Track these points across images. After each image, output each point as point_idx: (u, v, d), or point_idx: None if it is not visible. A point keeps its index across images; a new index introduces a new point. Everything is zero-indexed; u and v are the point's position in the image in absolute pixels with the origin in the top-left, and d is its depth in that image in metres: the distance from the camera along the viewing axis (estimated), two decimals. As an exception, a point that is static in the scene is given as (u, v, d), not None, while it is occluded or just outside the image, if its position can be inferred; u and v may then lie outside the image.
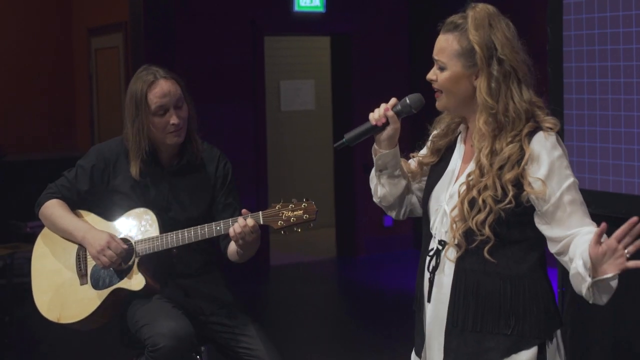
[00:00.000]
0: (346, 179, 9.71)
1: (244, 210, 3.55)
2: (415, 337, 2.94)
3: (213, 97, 8.60)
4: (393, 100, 2.91)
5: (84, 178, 3.82)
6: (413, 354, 2.97)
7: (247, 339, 3.75)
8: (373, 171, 3.02)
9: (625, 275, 3.27)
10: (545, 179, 2.63)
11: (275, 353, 3.74)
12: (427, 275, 2.84)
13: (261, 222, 3.50)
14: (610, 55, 4.01)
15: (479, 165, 2.70)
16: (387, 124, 2.89)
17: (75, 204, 3.85)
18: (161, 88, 3.69)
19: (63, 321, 3.76)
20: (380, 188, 3.00)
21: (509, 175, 2.65)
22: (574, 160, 4.15)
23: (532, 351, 2.69)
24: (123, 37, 9.03)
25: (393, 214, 3.08)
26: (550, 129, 2.69)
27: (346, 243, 9.80)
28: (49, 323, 3.85)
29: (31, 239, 8.17)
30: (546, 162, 2.64)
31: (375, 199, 3.06)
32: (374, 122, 2.89)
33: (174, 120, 3.68)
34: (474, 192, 2.69)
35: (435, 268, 2.81)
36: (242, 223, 3.49)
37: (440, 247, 2.80)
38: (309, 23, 9.45)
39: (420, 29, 9.36)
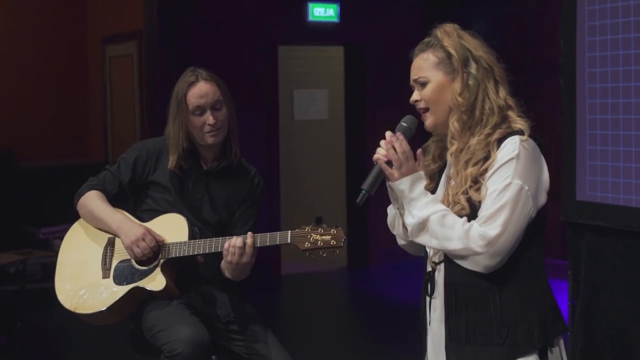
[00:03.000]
0: (358, 189, 9.69)
1: (249, 233, 3.61)
2: (423, 355, 2.98)
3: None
4: (389, 133, 2.87)
5: (126, 169, 3.91)
6: None
7: (262, 348, 3.78)
8: (392, 217, 3.03)
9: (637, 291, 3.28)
10: (486, 181, 2.68)
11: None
12: (427, 299, 2.89)
13: (288, 241, 3.55)
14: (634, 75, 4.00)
15: (452, 164, 2.80)
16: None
17: (115, 198, 3.93)
18: (199, 89, 3.81)
19: (79, 311, 3.79)
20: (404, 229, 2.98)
21: (470, 170, 2.71)
22: (598, 180, 4.12)
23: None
24: (137, 46, 9.07)
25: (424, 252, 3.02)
26: (521, 130, 2.73)
27: (357, 254, 9.80)
28: (60, 330, 3.87)
29: (44, 246, 8.24)
30: (495, 166, 2.68)
31: (403, 242, 3.05)
32: (385, 159, 2.84)
33: (210, 120, 3.79)
34: (449, 190, 2.78)
35: (432, 291, 2.86)
36: (237, 243, 3.57)
37: (431, 269, 2.86)
38: (322, 33, 9.48)
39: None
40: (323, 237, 3.52)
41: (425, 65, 2.83)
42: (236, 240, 3.58)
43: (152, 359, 3.84)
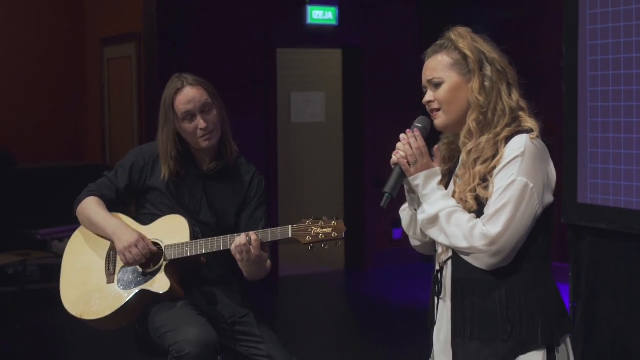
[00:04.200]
0: (356, 191, 9.73)
1: (251, 232, 3.62)
2: (429, 353, 3.00)
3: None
4: (404, 135, 2.88)
5: (123, 175, 3.93)
6: None
7: (268, 349, 3.80)
8: (407, 220, 3.03)
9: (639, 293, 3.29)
10: (494, 178, 2.71)
11: (296, 362, 3.79)
12: (435, 299, 2.91)
13: (289, 236, 3.56)
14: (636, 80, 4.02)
15: (463, 162, 2.81)
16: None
17: (114, 204, 3.95)
18: (186, 95, 3.81)
19: (85, 317, 3.81)
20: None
21: (479, 168, 2.74)
22: (599, 183, 4.14)
23: (533, 356, 2.71)
24: (136, 48, 9.08)
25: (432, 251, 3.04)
26: (531, 130, 2.75)
27: (355, 255, 9.81)
28: (59, 331, 3.89)
29: (42, 247, 8.25)
30: (502, 164, 2.71)
31: (418, 243, 3.04)
32: (405, 160, 2.85)
33: (201, 125, 3.79)
34: (457, 187, 2.80)
35: (439, 291, 2.88)
36: (241, 240, 3.58)
37: (439, 268, 2.88)
38: (321, 36, 9.50)
39: (431, 42, 9.37)
40: (324, 229, 3.55)
41: (440, 67, 2.84)
42: (240, 239, 3.59)
43: (157, 360, 3.86)
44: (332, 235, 3.55)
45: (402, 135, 2.87)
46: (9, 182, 8.81)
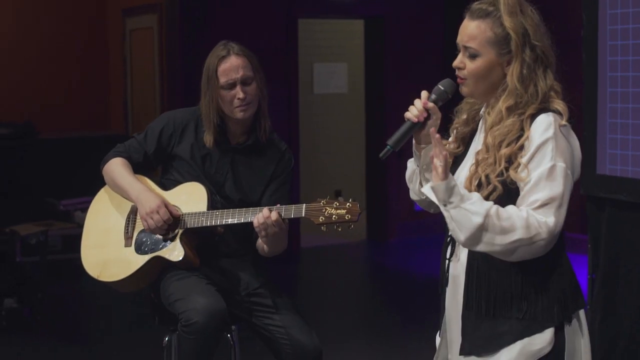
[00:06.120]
0: (378, 162, 9.70)
1: (277, 205, 3.60)
2: (440, 320, 2.99)
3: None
4: (425, 93, 2.87)
5: (152, 139, 3.93)
6: (437, 336, 3.01)
7: (280, 318, 3.80)
8: (411, 172, 3.02)
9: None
10: (527, 163, 2.63)
11: (309, 333, 3.78)
12: (446, 262, 2.87)
13: (303, 215, 3.52)
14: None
15: (486, 143, 2.73)
16: (428, 117, 2.86)
17: (141, 167, 3.95)
18: (230, 63, 3.80)
19: (102, 279, 3.85)
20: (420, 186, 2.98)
21: (504, 151, 2.66)
22: (618, 153, 4.11)
23: (547, 334, 2.69)
24: (158, 18, 9.06)
25: (433, 209, 2.98)
26: (559, 112, 2.69)
27: (377, 227, 9.81)
28: (80, 300, 3.92)
29: (65, 217, 8.29)
30: (534, 146, 2.64)
31: (416, 197, 3.03)
32: (415, 119, 2.84)
33: (240, 95, 3.78)
34: (480, 170, 2.71)
35: (451, 254, 2.85)
36: (265, 214, 3.54)
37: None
38: (343, 6, 9.45)
39: (455, 13, 9.29)
40: (338, 211, 3.48)
41: (480, 37, 2.72)
42: (258, 217, 3.55)
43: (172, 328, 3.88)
44: (346, 217, 3.46)
45: (423, 93, 2.84)
46: (31, 153, 8.85)
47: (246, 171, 3.92)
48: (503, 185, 2.65)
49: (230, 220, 3.67)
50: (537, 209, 2.61)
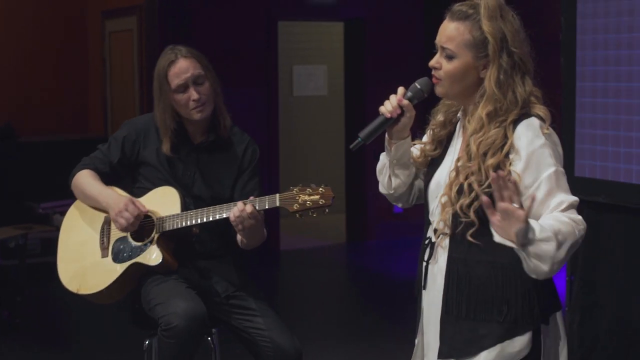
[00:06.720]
0: (357, 164, 9.71)
1: (251, 198, 3.60)
2: (416, 323, 2.99)
3: (227, 81, 8.57)
4: (402, 90, 2.88)
5: (115, 149, 3.92)
6: (417, 339, 3.01)
7: (261, 321, 3.79)
8: (382, 165, 3.02)
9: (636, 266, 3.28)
10: (522, 172, 2.62)
11: (289, 335, 3.78)
12: (423, 264, 2.87)
13: (277, 204, 3.54)
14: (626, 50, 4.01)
15: (467, 150, 2.72)
16: (401, 114, 2.87)
17: (108, 177, 3.95)
18: (180, 66, 3.80)
19: (82, 292, 3.84)
20: (394, 179, 2.99)
21: (491, 161, 2.65)
22: (586, 148, 4.15)
23: (527, 336, 2.70)
24: (137, 21, 9.05)
25: (401, 203, 3.07)
26: (540, 117, 2.70)
27: (356, 228, 9.82)
28: (60, 304, 3.91)
29: (44, 220, 8.25)
30: (525, 153, 2.63)
31: (384, 191, 3.05)
32: (388, 115, 2.86)
33: (194, 96, 3.78)
34: (461, 177, 2.70)
35: (429, 257, 2.84)
36: (240, 207, 3.55)
37: (433, 237, 2.82)
38: (322, 8, 9.46)
39: (435, 15, 9.32)
40: (311, 197, 3.49)
41: (458, 39, 2.72)
42: (234, 211, 3.56)
43: (152, 332, 3.87)
44: (320, 202, 3.48)
45: (400, 89, 2.86)
46: (10, 156, 8.81)
47: (213, 168, 3.92)
48: (490, 196, 2.58)
49: (206, 219, 3.68)
50: (564, 210, 2.60)
